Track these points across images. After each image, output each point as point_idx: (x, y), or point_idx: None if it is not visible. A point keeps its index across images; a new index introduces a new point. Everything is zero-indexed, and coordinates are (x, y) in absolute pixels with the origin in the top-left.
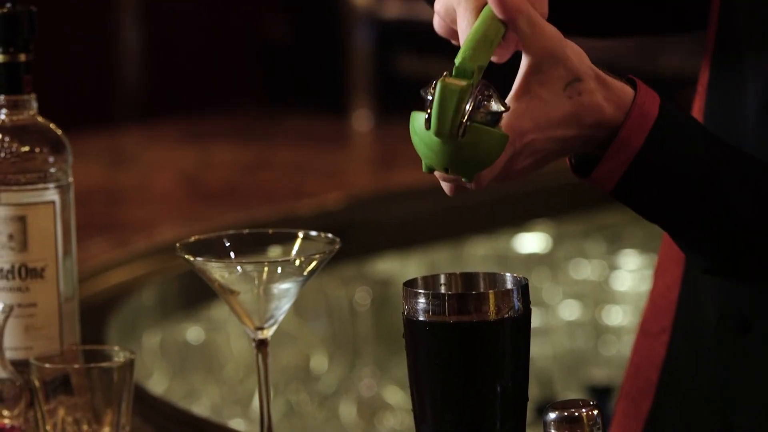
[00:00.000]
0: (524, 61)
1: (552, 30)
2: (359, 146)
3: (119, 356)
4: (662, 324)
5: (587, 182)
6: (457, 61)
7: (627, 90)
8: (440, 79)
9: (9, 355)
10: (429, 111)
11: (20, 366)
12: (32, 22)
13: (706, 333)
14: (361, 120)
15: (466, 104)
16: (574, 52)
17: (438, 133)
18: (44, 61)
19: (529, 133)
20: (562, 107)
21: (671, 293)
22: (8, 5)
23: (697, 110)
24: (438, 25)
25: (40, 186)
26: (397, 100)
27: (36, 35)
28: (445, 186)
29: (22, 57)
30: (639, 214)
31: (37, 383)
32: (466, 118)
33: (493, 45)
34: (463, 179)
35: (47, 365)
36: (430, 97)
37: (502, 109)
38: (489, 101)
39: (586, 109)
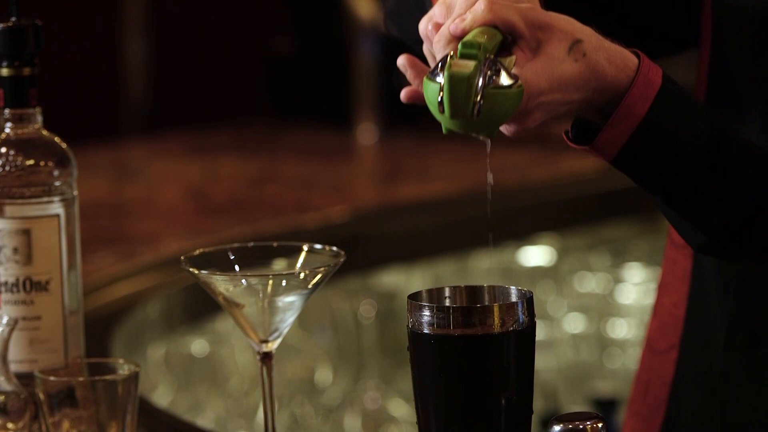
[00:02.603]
0: (521, 43)
1: (528, 7)
2: (364, 160)
3: (124, 369)
4: (670, 341)
5: (587, 150)
6: (464, 39)
7: (629, 56)
8: (446, 66)
9: (14, 367)
10: (441, 95)
11: (25, 379)
12: (37, 36)
13: (714, 348)
14: (366, 133)
15: (476, 86)
16: (563, 18)
17: (453, 117)
18: (49, 74)
19: (544, 93)
20: (572, 69)
21: (678, 310)
22: (13, 19)
23: None
24: (424, 26)
25: (45, 199)
26: (402, 114)
27: (41, 49)
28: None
29: (28, 71)
30: (638, 183)
31: (41, 396)
32: (479, 98)
33: (497, 36)
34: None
35: (52, 378)
36: (439, 80)
37: (512, 81)
38: (498, 75)
39: (592, 72)
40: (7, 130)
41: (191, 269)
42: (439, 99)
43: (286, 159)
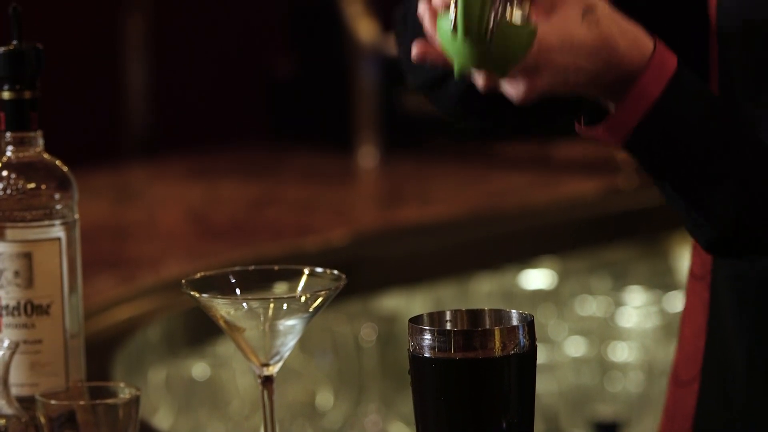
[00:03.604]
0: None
1: None
2: (365, 183)
3: (125, 392)
4: (692, 373)
5: (599, 134)
6: None
7: (644, 35)
8: None
9: (14, 391)
10: (455, 14)
11: (26, 402)
12: (38, 59)
13: (735, 377)
14: (367, 156)
15: (491, 4)
16: None
17: (466, 36)
18: (50, 97)
19: (553, 50)
20: (584, 34)
21: (698, 341)
22: (14, 42)
23: None
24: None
25: (46, 223)
26: (403, 136)
27: (42, 72)
28: (479, 81)
29: (29, 94)
30: (648, 169)
31: (42, 420)
32: (492, 21)
33: None
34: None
35: (53, 402)
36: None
37: (524, 21)
38: (512, 9)
39: (603, 42)
40: (8, 154)
41: (192, 292)
42: (452, 17)
43: (287, 182)
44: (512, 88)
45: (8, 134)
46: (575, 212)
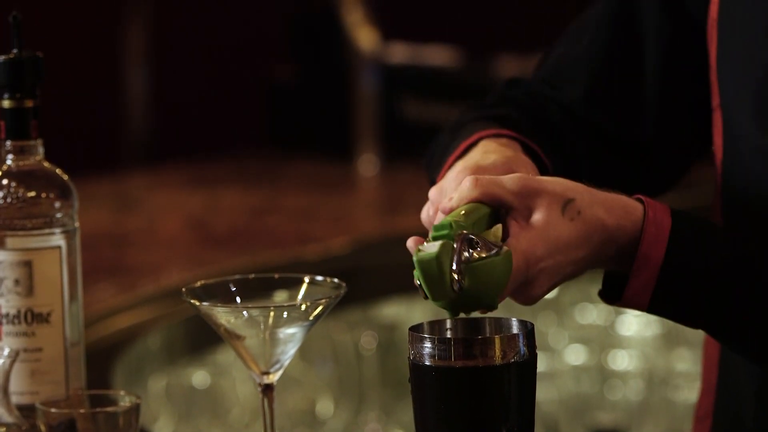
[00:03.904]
0: (513, 213)
1: (515, 176)
2: (365, 191)
3: (125, 401)
4: (706, 408)
5: (622, 305)
6: (435, 223)
7: (630, 202)
8: (414, 254)
9: (15, 399)
10: (418, 282)
11: (26, 411)
12: (38, 68)
13: (744, 419)
14: (367, 165)
15: (449, 265)
16: (552, 180)
17: (435, 300)
18: (51, 106)
19: (543, 259)
20: (568, 230)
21: (712, 376)
22: (15, 51)
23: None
24: (425, 214)
25: (46, 231)
26: (403, 145)
27: (42, 81)
28: None
29: (29, 103)
30: (680, 322)
31: (43, 428)
32: (457, 276)
33: (481, 210)
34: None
35: (53, 410)
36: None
37: (496, 249)
38: (476, 248)
39: (591, 227)
40: (9, 162)
41: (192, 301)
42: (418, 285)
43: (287, 190)
44: (515, 298)
45: (8, 143)
46: None
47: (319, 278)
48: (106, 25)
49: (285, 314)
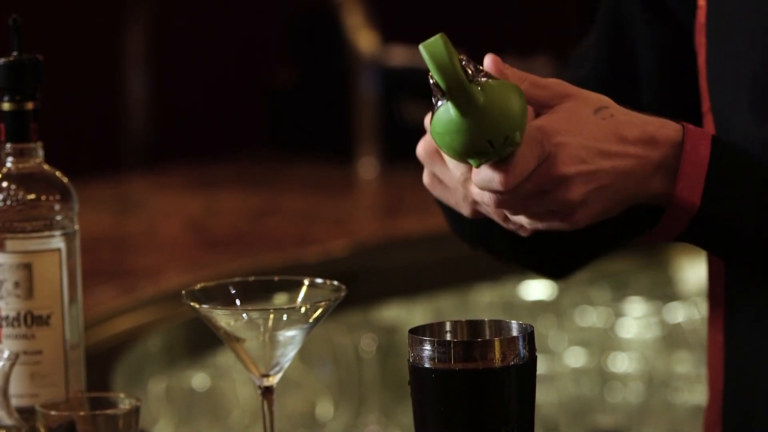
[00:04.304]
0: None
1: (558, 82)
2: (365, 193)
3: (125, 403)
4: (714, 416)
5: (668, 220)
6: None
7: (661, 119)
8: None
9: (14, 402)
10: (432, 79)
11: (26, 413)
12: (38, 71)
13: (756, 413)
14: (367, 167)
15: (453, 49)
16: (588, 91)
17: (449, 86)
18: (51, 108)
19: (561, 133)
20: (597, 123)
21: (718, 384)
22: (15, 53)
23: None
24: (421, 148)
25: (46, 233)
26: (403, 147)
27: (42, 83)
28: (519, 223)
29: (29, 105)
30: (728, 233)
31: (42, 430)
32: (463, 60)
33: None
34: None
35: (53, 412)
36: (431, 80)
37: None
38: (469, 65)
39: (624, 124)
40: (8, 165)
41: (192, 303)
42: (432, 81)
43: (287, 192)
44: (556, 220)
45: (8, 145)
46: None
47: (319, 281)
48: (106, 28)
49: (285, 317)
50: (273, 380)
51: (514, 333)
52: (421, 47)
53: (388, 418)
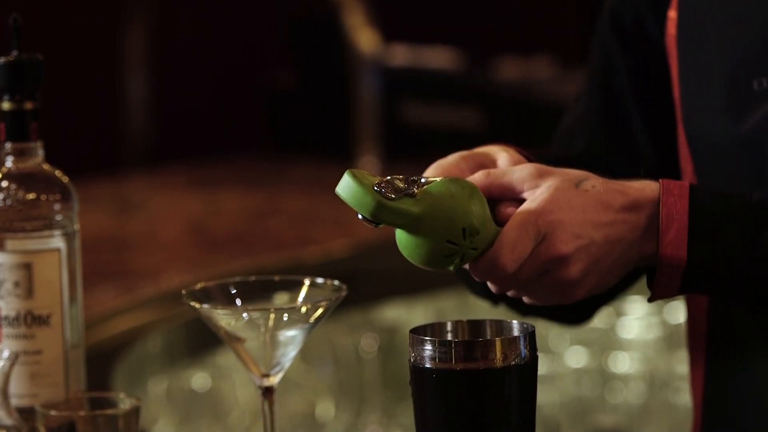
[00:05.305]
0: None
1: (526, 164)
2: None
3: (125, 403)
4: None
5: (661, 276)
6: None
7: (640, 181)
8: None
9: (14, 402)
10: (359, 215)
11: (26, 413)
12: (38, 70)
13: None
14: (368, 167)
15: (367, 179)
16: (564, 169)
17: (373, 215)
18: (51, 108)
19: (554, 212)
20: (582, 196)
21: (697, 412)
22: (15, 53)
23: None
24: None
25: (46, 233)
26: (404, 147)
27: (42, 83)
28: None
29: (29, 105)
30: (720, 275)
31: (42, 430)
32: (383, 183)
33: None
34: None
35: (53, 412)
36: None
37: (425, 178)
38: (401, 181)
39: (608, 193)
40: (9, 164)
41: (192, 303)
42: (360, 217)
43: (288, 193)
44: (556, 298)
45: (8, 145)
46: None
47: (320, 280)
48: (106, 27)
49: (285, 317)
50: (274, 380)
51: (516, 333)
52: (336, 191)
53: (389, 418)
